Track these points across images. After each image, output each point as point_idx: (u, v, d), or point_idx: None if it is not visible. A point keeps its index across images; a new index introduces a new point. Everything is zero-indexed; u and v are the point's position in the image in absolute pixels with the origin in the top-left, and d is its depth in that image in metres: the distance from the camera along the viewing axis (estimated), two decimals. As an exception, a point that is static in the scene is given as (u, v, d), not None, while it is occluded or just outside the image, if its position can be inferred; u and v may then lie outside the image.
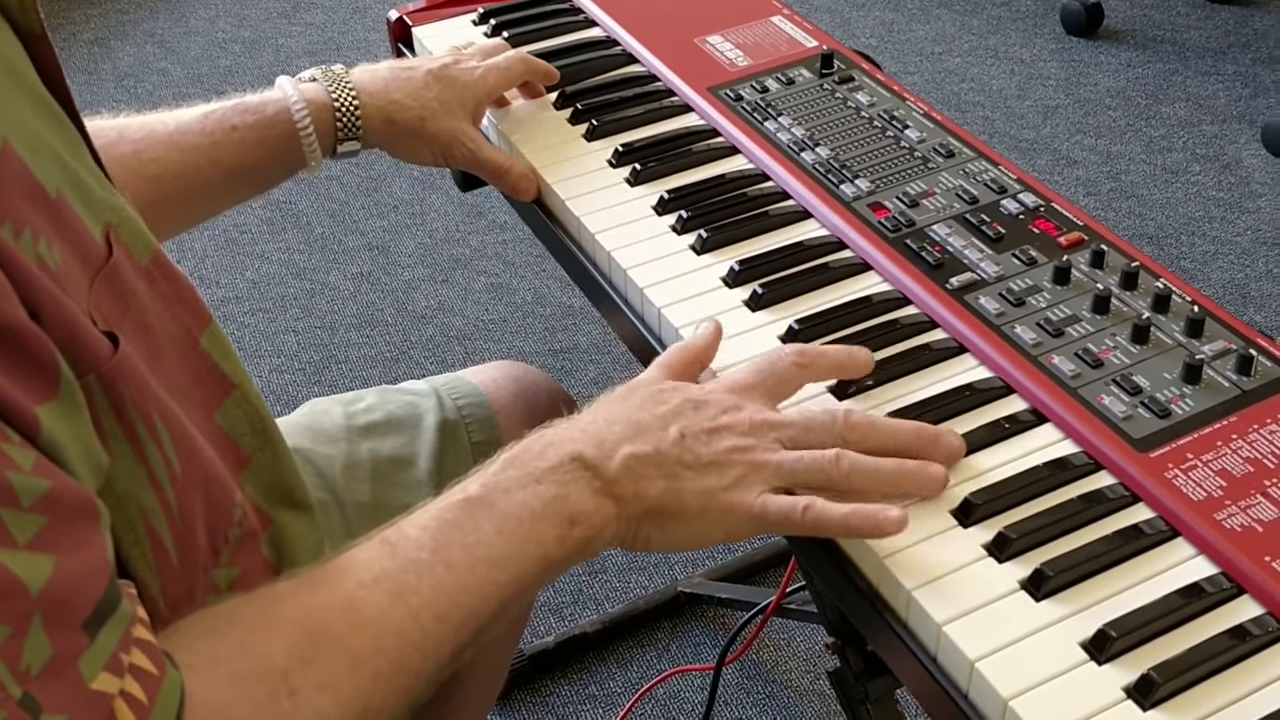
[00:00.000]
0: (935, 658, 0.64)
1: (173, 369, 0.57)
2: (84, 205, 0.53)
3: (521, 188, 0.95)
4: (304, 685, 0.53)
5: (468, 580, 0.59)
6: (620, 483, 0.64)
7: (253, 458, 0.64)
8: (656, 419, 0.67)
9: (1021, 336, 0.77)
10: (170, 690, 0.49)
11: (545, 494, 0.62)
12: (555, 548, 0.62)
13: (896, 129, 0.95)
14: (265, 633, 0.54)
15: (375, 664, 0.55)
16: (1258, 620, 0.62)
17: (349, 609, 0.56)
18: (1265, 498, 0.66)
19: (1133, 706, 0.59)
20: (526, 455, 0.65)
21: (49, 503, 0.45)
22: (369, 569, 0.58)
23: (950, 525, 0.68)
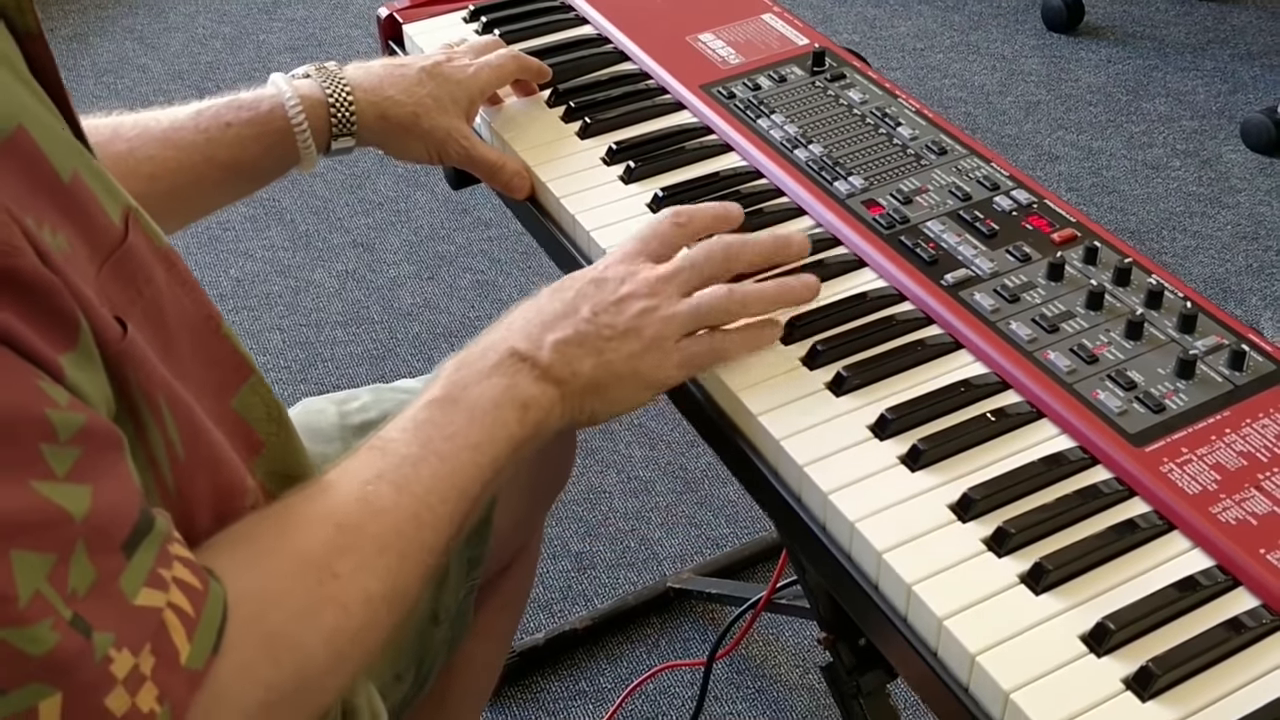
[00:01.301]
0: (935, 652, 0.64)
1: (186, 353, 0.58)
2: (103, 188, 0.54)
3: (515, 185, 0.95)
4: (344, 569, 0.58)
5: (456, 465, 0.66)
6: (555, 367, 0.71)
7: (267, 443, 0.65)
8: (567, 305, 0.74)
9: (1017, 332, 0.77)
10: (214, 602, 0.52)
11: (499, 385, 0.70)
12: (518, 429, 0.69)
13: (889, 126, 0.96)
14: (296, 532, 0.60)
15: (398, 545, 0.61)
16: (1252, 612, 0.63)
17: (364, 503, 0.61)
18: (1259, 491, 0.67)
19: (1132, 698, 0.60)
20: (470, 358, 0.71)
21: (84, 436, 0.48)
22: (369, 470, 0.64)
23: (950, 520, 0.68)
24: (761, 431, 0.75)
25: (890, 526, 0.68)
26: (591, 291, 0.75)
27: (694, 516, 1.67)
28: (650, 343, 0.73)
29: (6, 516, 0.45)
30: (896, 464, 0.72)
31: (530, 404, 0.70)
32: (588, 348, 0.72)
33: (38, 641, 0.45)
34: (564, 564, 1.61)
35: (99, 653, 0.47)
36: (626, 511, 1.68)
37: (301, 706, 0.57)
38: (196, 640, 0.51)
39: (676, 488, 1.70)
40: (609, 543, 1.64)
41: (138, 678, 0.48)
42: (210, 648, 0.52)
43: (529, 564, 1.09)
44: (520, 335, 0.72)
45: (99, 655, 0.47)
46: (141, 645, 0.48)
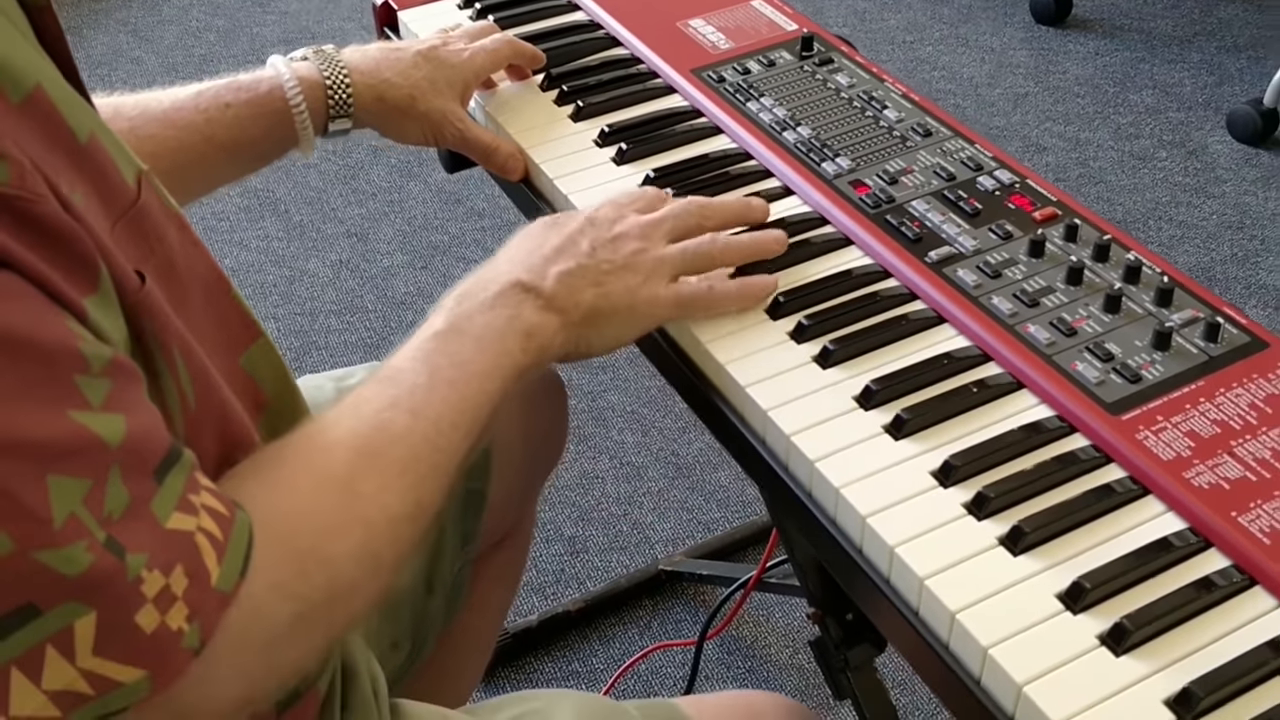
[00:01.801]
0: (918, 611, 0.66)
1: (198, 310, 0.60)
2: (117, 151, 0.56)
3: (509, 167, 0.97)
4: (367, 489, 0.62)
5: (466, 391, 0.69)
6: (558, 297, 0.75)
7: (273, 404, 0.67)
8: (567, 239, 0.78)
9: (998, 307, 0.79)
10: (241, 528, 0.55)
11: (502, 315, 0.73)
12: (522, 356, 0.73)
13: (876, 109, 0.98)
14: (319, 455, 0.63)
15: (416, 468, 0.64)
16: (1223, 572, 0.65)
17: (381, 429, 0.64)
18: (1231, 457, 0.69)
19: (1106, 653, 0.62)
20: (473, 290, 0.74)
21: (114, 368, 0.50)
22: (382, 398, 0.66)
23: (932, 486, 0.70)
24: (749, 402, 0.77)
25: (874, 492, 0.70)
26: (588, 229, 0.79)
27: (686, 501, 1.69)
28: (646, 278, 0.77)
29: (45, 443, 0.47)
30: (881, 433, 0.74)
31: (534, 332, 0.73)
32: (589, 279, 0.76)
33: (73, 562, 0.47)
34: (557, 548, 1.63)
35: (131, 572, 0.49)
36: (619, 496, 1.70)
37: (332, 620, 0.60)
38: (226, 563, 0.53)
39: (668, 473, 1.72)
40: (602, 527, 1.66)
41: (168, 597, 0.50)
42: (239, 571, 0.54)
43: (523, 539, 1.11)
44: (523, 267, 0.75)
45: (131, 575, 0.49)
46: (173, 566, 0.51)
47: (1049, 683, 0.61)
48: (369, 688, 0.76)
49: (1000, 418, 0.74)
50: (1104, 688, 0.60)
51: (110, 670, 0.50)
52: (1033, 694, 0.60)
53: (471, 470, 0.95)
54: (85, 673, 0.49)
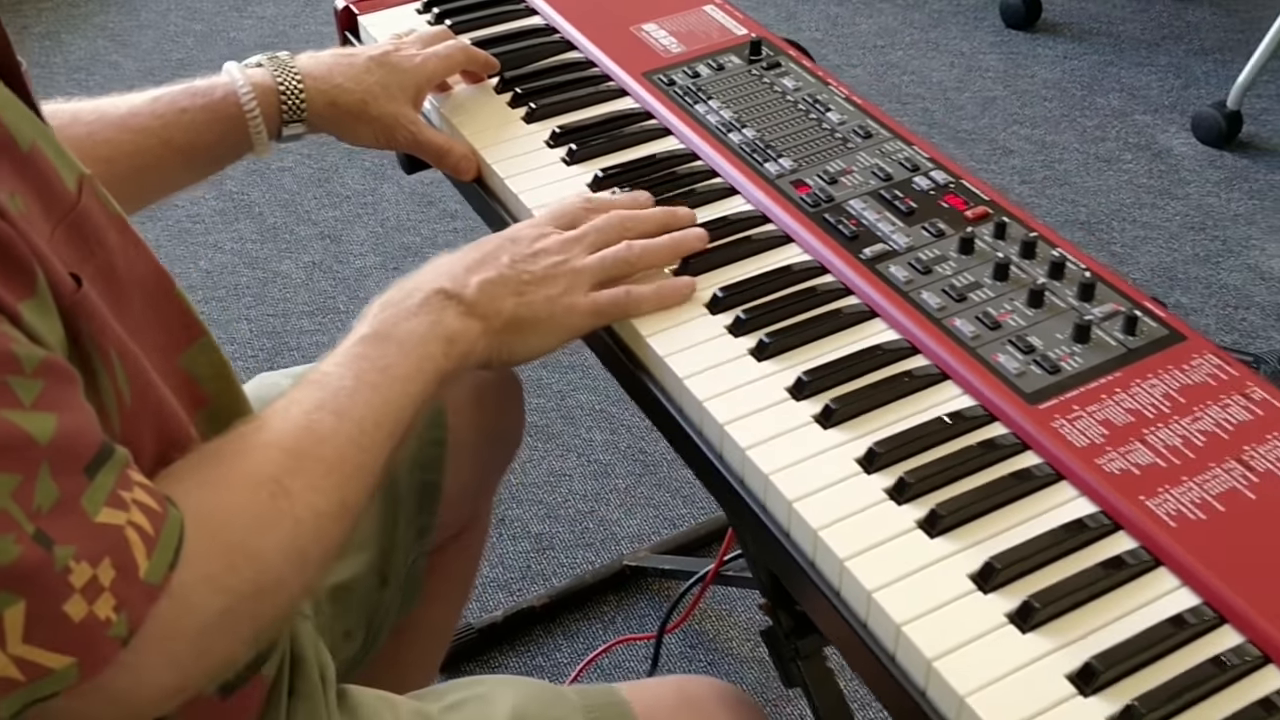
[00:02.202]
0: (839, 592, 0.69)
1: (138, 311, 0.63)
2: (59, 158, 0.58)
3: (462, 168, 0.99)
4: (295, 488, 0.64)
5: (389, 394, 0.72)
6: (480, 304, 0.78)
7: (212, 401, 0.69)
8: (488, 254, 0.81)
9: (927, 301, 0.82)
10: (172, 523, 0.57)
11: (425, 322, 0.76)
12: (444, 362, 0.76)
13: (819, 111, 1.01)
14: (249, 455, 0.65)
15: (341, 467, 0.67)
16: (1131, 553, 0.68)
17: (308, 430, 0.67)
18: (1143, 444, 0.72)
19: (1013, 630, 0.64)
20: (397, 298, 0.78)
21: (46, 369, 0.52)
22: (309, 401, 0.69)
23: (856, 472, 0.73)
24: (686, 392, 0.79)
25: (802, 479, 0.73)
26: (508, 245, 0.82)
27: (652, 498, 1.71)
28: (565, 289, 0.81)
29: None
30: (810, 422, 0.76)
31: (455, 338, 0.76)
32: (509, 288, 0.79)
33: (1, 553, 0.50)
34: (524, 545, 1.65)
35: (59, 564, 0.51)
36: (586, 494, 1.72)
37: (259, 613, 0.63)
38: (155, 557, 0.55)
39: (635, 470, 1.75)
40: (568, 524, 1.68)
41: (96, 588, 0.53)
42: (168, 564, 0.56)
43: (480, 533, 1.13)
44: (445, 276, 0.78)
45: (59, 566, 0.51)
46: (100, 558, 0.53)
47: (958, 658, 0.63)
48: (316, 675, 0.78)
49: (924, 408, 0.76)
50: (1010, 663, 0.63)
51: (40, 657, 0.52)
52: (941, 669, 0.63)
53: (426, 464, 0.98)
54: (16, 659, 0.51)
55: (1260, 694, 0.62)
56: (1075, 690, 0.62)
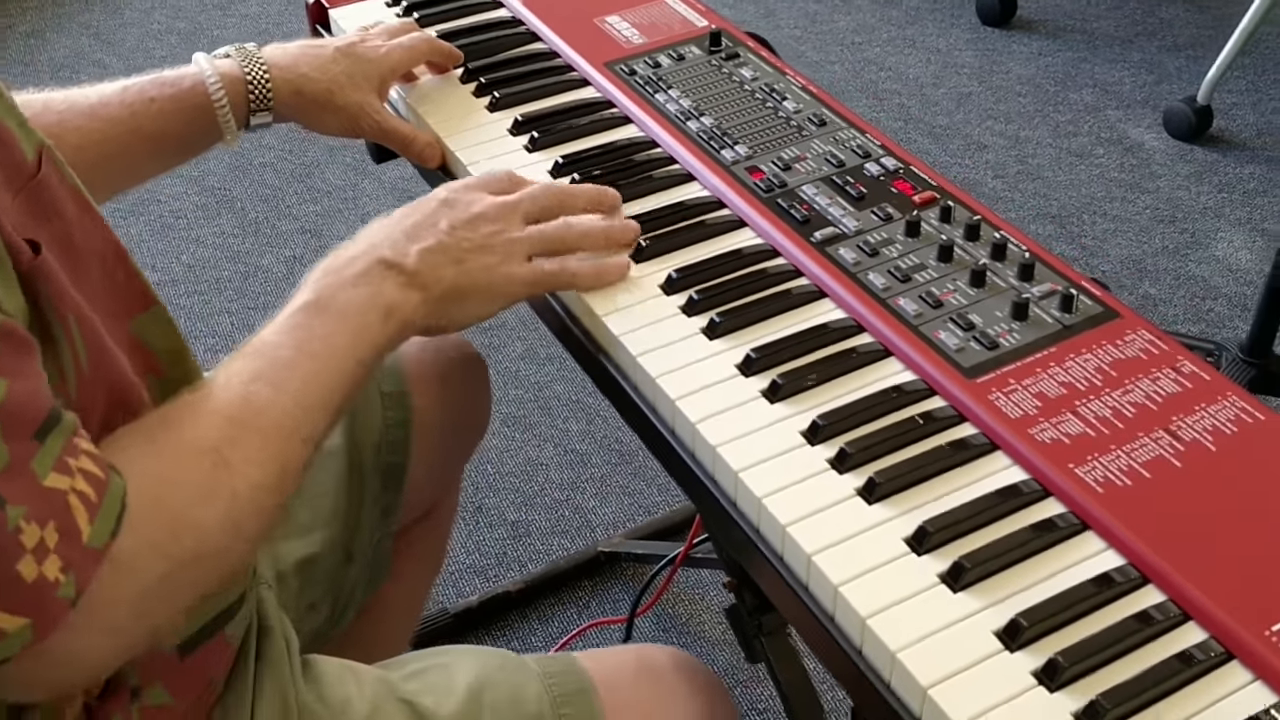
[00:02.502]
0: (782, 556, 0.72)
1: (95, 279, 0.65)
2: (19, 127, 0.61)
3: (426, 155, 1.02)
4: (234, 459, 0.65)
5: (328, 364, 0.73)
6: (421, 274, 0.78)
7: (166, 371, 0.71)
8: (426, 218, 0.82)
9: (873, 282, 0.85)
10: (115, 491, 0.59)
11: (364, 292, 0.76)
12: (380, 333, 0.76)
13: (776, 100, 1.03)
14: (193, 424, 0.66)
15: (279, 438, 0.68)
16: (1061, 517, 0.71)
17: (246, 401, 0.68)
18: (1075, 415, 0.75)
19: (945, 590, 0.67)
20: (337, 265, 0.78)
21: (1, 335, 0.54)
22: (248, 371, 0.70)
23: (800, 444, 0.76)
24: (640, 371, 0.82)
25: (748, 450, 0.75)
26: (445, 211, 0.83)
27: (627, 486, 1.74)
28: (503, 258, 0.82)
29: None
30: (758, 397, 0.79)
31: (394, 309, 0.77)
32: (449, 256, 0.80)
33: None
34: (500, 532, 1.68)
35: (11, 523, 0.53)
36: (562, 482, 1.75)
37: (197, 580, 0.65)
38: (97, 523, 0.57)
39: (611, 459, 1.78)
40: (544, 512, 1.71)
41: (43, 549, 0.55)
42: (110, 531, 0.58)
43: (448, 513, 1.16)
44: (386, 245, 0.79)
45: (11, 525, 0.53)
46: (47, 521, 0.55)
47: (890, 616, 0.66)
48: (282, 644, 0.81)
49: (867, 382, 0.79)
50: (940, 620, 0.66)
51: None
52: (875, 626, 0.65)
53: (391, 445, 1.00)
54: None
55: (1179, 648, 0.64)
56: (1002, 646, 0.65)
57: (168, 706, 0.72)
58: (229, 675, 0.76)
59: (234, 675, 0.76)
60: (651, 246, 0.90)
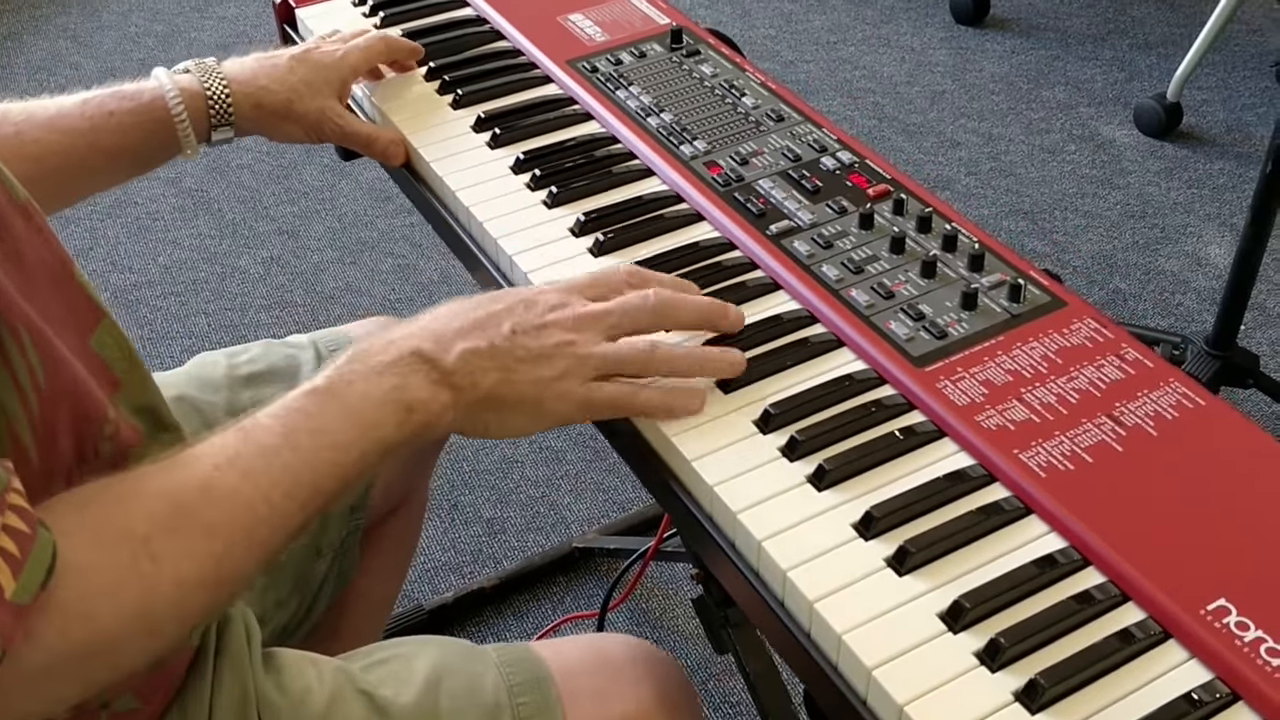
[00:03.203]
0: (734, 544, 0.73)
1: (47, 295, 0.64)
2: None
3: (390, 154, 1.03)
4: (164, 551, 0.60)
5: (313, 462, 0.67)
6: (457, 374, 0.72)
7: (123, 381, 0.70)
8: (491, 316, 0.75)
9: (827, 274, 0.86)
10: (42, 548, 0.56)
11: (385, 384, 0.70)
12: (395, 432, 0.70)
13: (735, 96, 1.05)
14: (129, 504, 0.62)
15: (229, 534, 0.63)
16: (1005, 500, 0.72)
17: (204, 486, 0.63)
18: (1020, 402, 0.76)
19: (890, 573, 0.68)
20: (369, 351, 0.72)
21: None
22: (224, 452, 0.65)
23: (753, 433, 0.77)
24: (596, 363, 0.83)
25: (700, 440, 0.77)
26: (520, 310, 0.75)
27: (602, 483, 1.75)
28: (560, 374, 0.74)
29: None
30: (711, 387, 0.80)
31: (416, 407, 0.70)
32: (496, 362, 0.73)
33: None
34: (475, 529, 1.69)
35: None
36: (537, 479, 1.76)
37: (87, 674, 0.60)
38: (22, 578, 0.54)
39: (586, 456, 1.79)
40: (519, 509, 1.72)
41: None
42: (38, 585, 0.55)
43: (417, 509, 1.17)
44: (429, 336, 0.73)
45: None
46: None
47: (837, 600, 0.67)
48: (243, 634, 0.81)
49: (819, 372, 0.81)
50: (885, 603, 0.67)
51: None
52: (821, 610, 0.67)
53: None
54: None
55: (1118, 627, 0.66)
56: (945, 627, 0.66)
57: (136, 710, 0.72)
58: (189, 667, 0.77)
59: (194, 667, 0.77)
60: (610, 240, 0.92)
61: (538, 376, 0.73)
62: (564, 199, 0.96)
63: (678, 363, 0.78)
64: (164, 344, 1.96)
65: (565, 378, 0.74)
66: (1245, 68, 2.56)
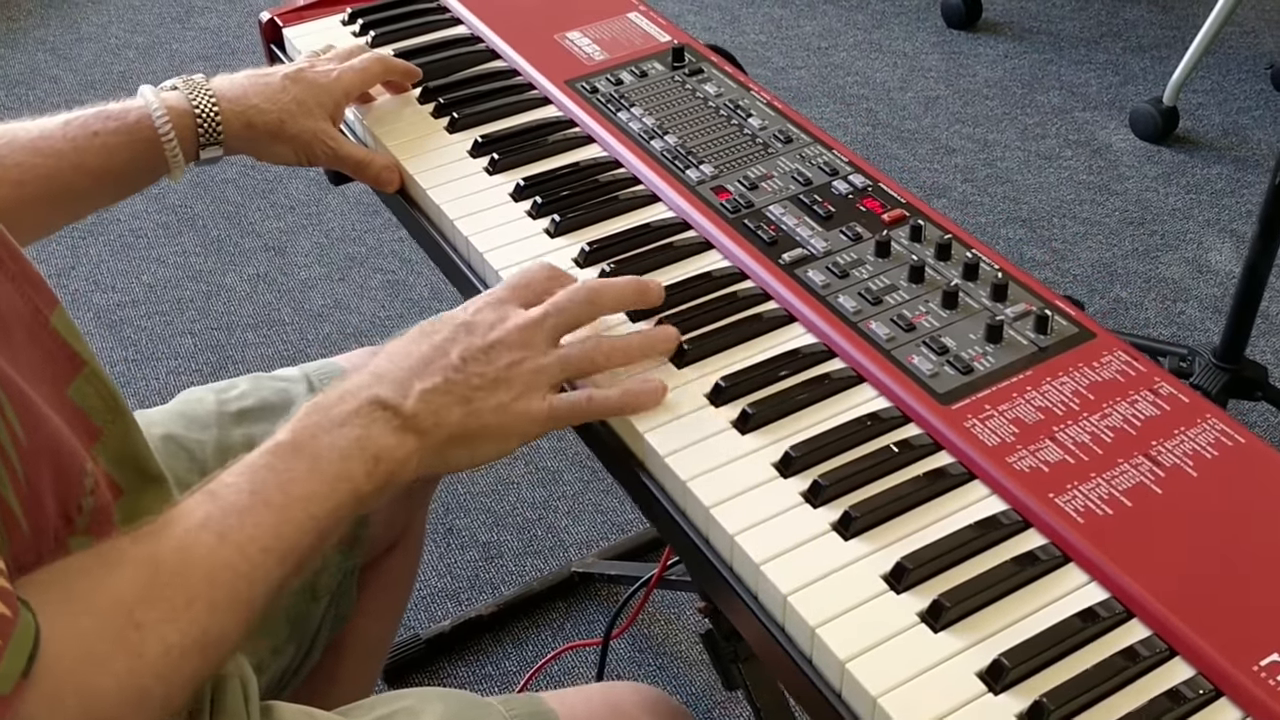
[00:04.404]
0: (756, 596, 0.69)
1: (21, 346, 0.61)
2: None
3: (384, 179, 0.99)
4: (148, 619, 0.59)
5: (286, 516, 0.65)
6: (419, 417, 0.71)
7: (104, 430, 0.67)
8: (436, 349, 0.73)
9: (844, 305, 0.83)
10: (24, 631, 0.54)
11: (349, 435, 0.69)
12: (365, 483, 0.69)
13: (740, 117, 1.01)
14: (111, 576, 0.60)
15: (210, 596, 0.62)
16: (1042, 549, 0.69)
17: (182, 550, 0.62)
18: (1052, 441, 0.73)
19: (925, 629, 0.65)
20: (326, 403, 0.71)
21: None
22: (195, 515, 0.64)
23: (773, 476, 0.73)
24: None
25: (719, 484, 0.73)
26: (461, 336, 0.74)
27: (600, 504, 1.71)
28: (519, 394, 0.73)
29: None
30: (728, 428, 0.77)
31: (383, 456, 0.69)
32: (455, 396, 0.72)
33: None
34: (472, 554, 1.65)
35: None
36: (534, 501, 1.72)
37: None
38: (3, 666, 0.52)
39: (584, 476, 1.75)
40: (516, 532, 1.68)
41: None
42: (20, 672, 0.53)
43: (414, 546, 1.13)
44: (387, 383, 0.71)
45: None
46: None
47: (871, 659, 0.64)
48: (239, 691, 0.78)
49: (840, 410, 0.77)
50: (921, 662, 0.63)
51: None
52: (854, 670, 0.63)
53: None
54: None
55: (1167, 685, 0.63)
56: (986, 688, 0.63)
57: None
58: (184, 727, 0.73)
59: (189, 727, 0.73)
60: (617, 272, 0.88)
61: (498, 402, 0.73)
62: (567, 228, 0.93)
63: (624, 351, 0.78)
64: (149, 365, 1.91)
65: (524, 396, 0.74)
66: (1240, 71, 2.54)
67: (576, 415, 0.77)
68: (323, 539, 0.67)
